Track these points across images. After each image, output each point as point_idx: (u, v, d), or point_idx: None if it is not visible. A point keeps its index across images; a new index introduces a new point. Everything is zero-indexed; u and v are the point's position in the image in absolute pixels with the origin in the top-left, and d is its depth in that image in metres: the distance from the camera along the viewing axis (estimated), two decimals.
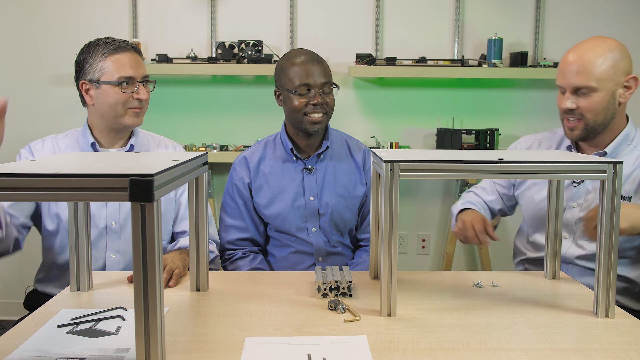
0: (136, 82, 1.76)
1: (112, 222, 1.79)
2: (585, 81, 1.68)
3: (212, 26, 3.12)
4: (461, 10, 3.16)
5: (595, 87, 1.68)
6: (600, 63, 1.67)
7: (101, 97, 1.76)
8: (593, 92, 1.68)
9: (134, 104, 1.76)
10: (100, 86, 1.74)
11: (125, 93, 1.74)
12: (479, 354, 1.13)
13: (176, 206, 1.89)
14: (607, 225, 1.28)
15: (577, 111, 1.71)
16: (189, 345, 1.16)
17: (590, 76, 1.67)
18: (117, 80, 1.73)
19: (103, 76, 1.74)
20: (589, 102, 1.69)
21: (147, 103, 1.83)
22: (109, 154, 1.37)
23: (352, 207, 2.01)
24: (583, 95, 1.70)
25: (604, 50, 1.69)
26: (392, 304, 1.30)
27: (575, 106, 1.71)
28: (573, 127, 1.75)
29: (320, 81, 1.89)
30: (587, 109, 1.70)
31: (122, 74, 1.73)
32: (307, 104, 1.89)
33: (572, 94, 1.71)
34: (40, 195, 1.00)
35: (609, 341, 1.19)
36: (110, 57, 1.74)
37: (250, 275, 1.69)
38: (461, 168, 1.28)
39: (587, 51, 1.70)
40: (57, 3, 3.08)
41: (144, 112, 1.82)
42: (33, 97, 3.12)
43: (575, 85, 1.70)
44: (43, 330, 1.24)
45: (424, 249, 3.35)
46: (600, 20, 3.17)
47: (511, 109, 3.21)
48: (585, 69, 1.68)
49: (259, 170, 2.00)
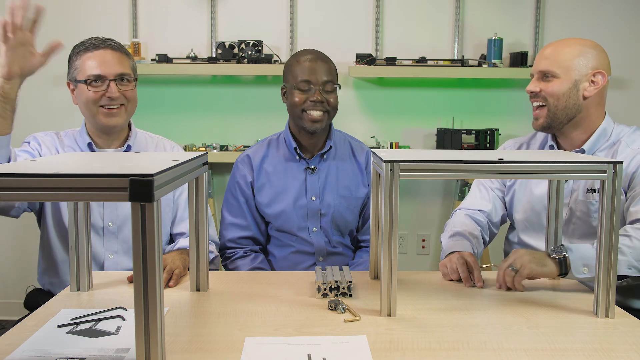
0: (106, 80, 1.73)
1: (110, 222, 1.79)
2: (549, 66, 1.74)
3: (212, 26, 3.12)
4: (461, 10, 3.16)
5: (557, 74, 1.73)
6: (567, 52, 1.73)
7: (79, 96, 1.76)
8: (555, 77, 1.74)
9: (104, 102, 1.74)
10: (77, 85, 1.75)
11: (95, 91, 1.73)
12: (479, 354, 1.13)
13: (174, 207, 1.89)
14: (607, 225, 1.28)
15: (540, 95, 1.77)
16: (189, 345, 1.16)
17: (554, 63, 1.73)
18: (85, 79, 1.73)
19: (78, 75, 1.74)
20: (550, 87, 1.74)
21: (132, 102, 1.79)
22: (109, 154, 1.37)
23: (353, 208, 2.01)
24: (546, 79, 1.75)
25: (575, 44, 1.75)
26: (392, 304, 1.30)
27: (538, 89, 1.77)
28: (537, 115, 1.79)
29: (322, 79, 1.90)
30: (549, 94, 1.75)
31: (90, 72, 1.73)
32: (307, 101, 1.90)
33: (538, 79, 1.78)
34: (40, 195, 1.00)
35: (609, 341, 1.19)
36: (83, 55, 1.74)
37: (250, 275, 1.69)
38: (461, 168, 1.28)
39: (560, 43, 1.77)
40: (57, 3, 3.07)
41: (124, 112, 1.77)
42: (33, 97, 3.11)
43: (541, 69, 1.76)
44: (43, 330, 1.24)
45: (424, 249, 3.35)
46: (600, 20, 3.17)
47: (511, 109, 3.21)
48: (551, 56, 1.75)
49: (261, 168, 2.00)
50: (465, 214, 1.90)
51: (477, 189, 1.96)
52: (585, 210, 1.75)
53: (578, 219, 1.76)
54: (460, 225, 1.83)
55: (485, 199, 1.92)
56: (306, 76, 1.90)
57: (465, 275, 1.57)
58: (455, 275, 1.59)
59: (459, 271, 1.58)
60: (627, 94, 3.21)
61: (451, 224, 1.86)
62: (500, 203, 1.94)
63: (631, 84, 3.21)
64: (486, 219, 1.90)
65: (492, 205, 1.91)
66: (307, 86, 1.90)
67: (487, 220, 1.90)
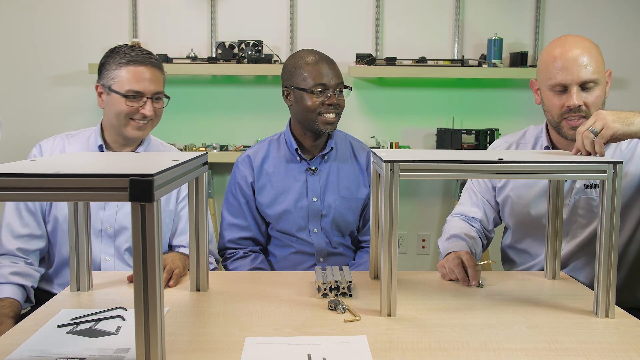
0: (144, 97, 1.75)
1: (108, 226, 1.79)
2: (592, 74, 1.61)
3: (212, 26, 3.11)
4: (461, 10, 3.16)
5: (598, 80, 1.62)
6: (596, 56, 1.63)
7: (110, 103, 1.76)
8: (597, 85, 1.62)
9: (137, 117, 1.75)
10: (111, 93, 1.75)
11: (131, 106, 1.74)
12: (479, 354, 1.13)
13: (176, 219, 1.88)
14: (607, 225, 1.28)
15: (582, 108, 1.62)
16: (189, 345, 1.16)
17: (595, 68, 1.61)
18: (125, 93, 1.73)
19: (114, 85, 1.74)
20: (594, 97, 1.62)
21: (158, 118, 1.82)
22: (109, 154, 1.37)
23: (354, 209, 2.01)
24: (589, 89, 1.62)
25: (591, 44, 1.65)
26: (392, 304, 1.30)
27: (582, 102, 1.62)
28: (577, 125, 1.62)
29: (335, 81, 1.90)
30: (593, 104, 1.62)
31: (130, 87, 1.73)
32: (322, 104, 1.89)
33: (579, 89, 1.62)
34: (40, 195, 1.00)
35: (609, 341, 1.19)
36: (125, 67, 1.73)
37: (250, 275, 1.69)
38: (461, 168, 1.28)
39: (581, 45, 1.63)
40: (57, 3, 3.07)
41: (151, 126, 1.81)
42: (33, 97, 3.11)
43: (584, 79, 1.61)
44: (43, 330, 1.24)
45: (424, 249, 3.35)
46: (600, 20, 3.17)
47: (511, 109, 3.21)
48: (591, 62, 1.61)
49: (262, 169, 2.00)
50: (460, 219, 1.88)
51: (468, 195, 1.91)
52: (587, 206, 1.73)
53: (581, 217, 1.74)
54: (455, 229, 1.80)
55: (476, 205, 1.88)
56: (321, 79, 1.88)
57: (461, 275, 1.55)
58: (454, 275, 1.58)
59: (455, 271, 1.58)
60: (627, 94, 3.21)
61: (447, 229, 1.84)
62: (490, 207, 1.88)
63: (631, 84, 3.21)
64: (479, 224, 1.87)
65: (482, 212, 1.87)
66: (322, 89, 1.89)
67: (480, 226, 1.87)
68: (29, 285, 1.69)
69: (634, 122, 1.37)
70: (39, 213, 1.77)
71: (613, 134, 1.36)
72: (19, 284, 1.67)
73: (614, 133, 1.36)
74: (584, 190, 1.73)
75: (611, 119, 1.36)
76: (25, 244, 1.74)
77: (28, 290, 1.69)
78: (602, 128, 1.36)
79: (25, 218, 1.75)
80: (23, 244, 1.73)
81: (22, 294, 1.67)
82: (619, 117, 1.37)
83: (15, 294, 1.64)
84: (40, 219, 1.77)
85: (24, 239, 1.74)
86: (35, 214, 1.76)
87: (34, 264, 1.75)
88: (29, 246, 1.75)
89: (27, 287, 1.69)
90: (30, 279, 1.71)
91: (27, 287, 1.69)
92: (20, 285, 1.67)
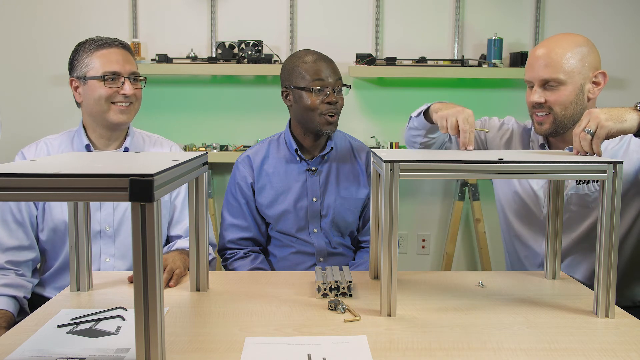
0: (122, 77, 1.75)
1: (106, 226, 1.79)
2: (553, 74, 1.66)
3: (212, 26, 3.11)
4: (461, 10, 3.16)
5: (564, 80, 1.66)
6: (569, 57, 1.66)
7: (87, 92, 1.75)
8: (561, 85, 1.67)
9: (118, 99, 1.75)
10: (87, 82, 1.75)
11: (110, 88, 1.73)
12: (479, 354, 1.13)
13: (171, 209, 1.88)
14: (607, 225, 1.28)
15: (545, 105, 1.69)
16: (189, 345, 1.16)
17: (558, 69, 1.66)
18: (102, 75, 1.73)
19: (89, 72, 1.74)
20: (557, 96, 1.67)
21: (139, 101, 1.81)
22: (109, 154, 1.37)
23: (354, 210, 2.01)
24: (551, 88, 1.68)
25: (572, 45, 1.68)
26: (392, 304, 1.30)
27: (544, 100, 1.69)
28: (541, 121, 1.72)
29: (333, 79, 1.89)
30: (555, 102, 1.68)
31: (107, 69, 1.73)
32: (322, 103, 1.88)
33: (540, 87, 1.70)
34: (40, 195, 1.00)
35: (609, 341, 1.19)
36: (97, 52, 1.74)
37: (250, 275, 1.69)
38: (461, 168, 1.28)
39: (555, 45, 1.68)
40: (57, 3, 3.07)
41: (133, 110, 1.80)
42: (33, 97, 3.11)
43: (543, 77, 1.68)
44: (43, 330, 1.24)
45: (424, 249, 3.34)
46: (600, 20, 3.16)
47: (511, 109, 3.20)
48: (553, 62, 1.66)
49: (262, 169, 2.00)
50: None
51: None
52: (581, 202, 1.74)
53: (573, 212, 1.76)
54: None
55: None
56: (319, 76, 1.87)
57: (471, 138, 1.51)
58: (454, 131, 1.55)
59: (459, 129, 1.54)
60: (627, 94, 3.20)
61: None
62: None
63: (631, 84, 3.21)
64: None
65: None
66: (320, 86, 1.88)
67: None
68: (20, 296, 1.68)
69: (626, 118, 1.40)
70: (27, 224, 1.75)
71: (607, 133, 1.39)
72: (10, 295, 1.65)
73: (608, 131, 1.38)
74: (576, 187, 1.74)
75: (604, 118, 1.39)
76: (15, 256, 1.72)
77: (21, 301, 1.68)
78: (596, 128, 1.38)
79: (13, 230, 1.73)
80: (12, 256, 1.72)
81: (15, 305, 1.65)
82: (611, 115, 1.40)
83: (7, 305, 1.63)
84: (29, 229, 1.75)
85: (12, 252, 1.72)
86: (24, 224, 1.75)
87: (25, 275, 1.73)
88: (19, 258, 1.73)
89: (19, 297, 1.67)
90: (22, 289, 1.69)
91: (19, 298, 1.67)
92: (11, 296, 1.65)
